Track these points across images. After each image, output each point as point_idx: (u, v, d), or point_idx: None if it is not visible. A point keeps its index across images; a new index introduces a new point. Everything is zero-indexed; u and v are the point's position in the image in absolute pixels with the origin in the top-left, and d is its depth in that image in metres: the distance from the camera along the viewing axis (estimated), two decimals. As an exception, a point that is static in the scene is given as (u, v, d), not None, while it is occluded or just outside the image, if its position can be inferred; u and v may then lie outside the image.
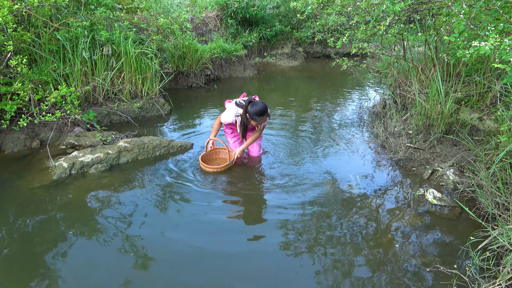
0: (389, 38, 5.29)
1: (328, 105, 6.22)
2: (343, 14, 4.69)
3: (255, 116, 3.35)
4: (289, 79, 8.62)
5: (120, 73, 5.15)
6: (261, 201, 3.24)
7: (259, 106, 3.33)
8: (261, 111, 3.33)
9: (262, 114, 3.35)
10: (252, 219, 2.99)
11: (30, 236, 2.70)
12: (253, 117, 3.37)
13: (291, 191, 3.36)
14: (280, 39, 10.14)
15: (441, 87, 4.12)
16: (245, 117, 3.45)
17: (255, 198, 3.30)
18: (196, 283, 2.31)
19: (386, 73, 5.92)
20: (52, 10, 4.54)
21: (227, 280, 2.33)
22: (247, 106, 3.37)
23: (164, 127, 5.11)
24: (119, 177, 3.57)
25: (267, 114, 3.44)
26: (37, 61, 4.45)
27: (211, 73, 7.66)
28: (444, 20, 3.87)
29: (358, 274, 2.39)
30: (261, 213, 3.07)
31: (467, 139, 3.73)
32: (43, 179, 3.43)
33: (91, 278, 2.33)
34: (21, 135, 4.08)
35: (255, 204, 3.20)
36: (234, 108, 3.55)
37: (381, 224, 2.90)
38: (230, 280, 2.33)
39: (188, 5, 9.20)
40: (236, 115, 3.54)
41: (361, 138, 4.65)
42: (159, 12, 6.15)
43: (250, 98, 3.43)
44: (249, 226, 2.90)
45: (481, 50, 2.12)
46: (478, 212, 2.93)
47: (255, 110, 3.33)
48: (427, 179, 3.56)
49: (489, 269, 2.35)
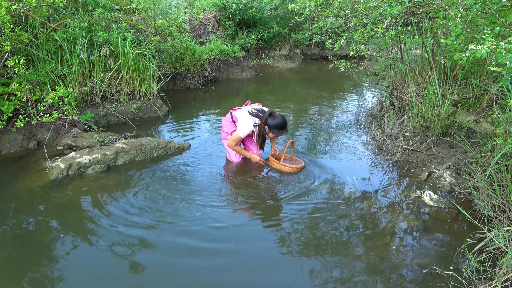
0: (387, 41, 5.32)
1: (325, 107, 6.24)
2: (341, 17, 4.71)
3: (275, 129, 3.40)
4: (286, 81, 8.63)
5: (118, 74, 5.14)
6: (258, 204, 3.24)
7: (279, 120, 3.39)
8: (281, 124, 3.39)
9: (282, 128, 3.41)
10: (250, 221, 2.99)
11: (26, 237, 2.69)
12: (273, 130, 3.42)
13: (288, 193, 3.36)
14: (278, 41, 10.17)
15: (438, 89, 4.14)
16: (264, 128, 3.47)
17: (252, 200, 3.29)
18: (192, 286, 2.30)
19: (383, 75, 5.95)
20: (50, 11, 4.53)
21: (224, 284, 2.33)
22: (267, 118, 3.41)
23: (162, 128, 5.10)
24: (116, 178, 3.56)
25: (286, 129, 3.49)
26: (35, 61, 4.44)
27: (209, 74, 7.66)
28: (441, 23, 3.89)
29: (355, 275, 2.40)
30: (258, 215, 3.07)
31: (463, 142, 3.75)
32: (40, 180, 3.42)
33: (87, 280, 2.32)
34: (18, 136, 4.07)
35: (252, 206, 3.20)
36: (250, 118, 3.52)
37: (378, 226, 2.91)
38: (226, 284, 2.33)
39: (186, 7, 9.20)
40: (254, 125, 3.53)
41: (358, 140, 4.67)
42: (157, 13, 6.15)
43: (271, 110, 3.47)
44: (247, 228, 2.90)
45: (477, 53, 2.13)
46: (474, 214, 2.95)
47: (276, 123, 3.38)
48: (424, 181, 3.57)
49: (485, 270, 2.36)
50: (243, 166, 3.84)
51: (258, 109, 3.57)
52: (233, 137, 3.60)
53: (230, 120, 3.73)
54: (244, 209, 3.15)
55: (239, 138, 3.58)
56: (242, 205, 3.20)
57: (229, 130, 3.76)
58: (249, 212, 3.11)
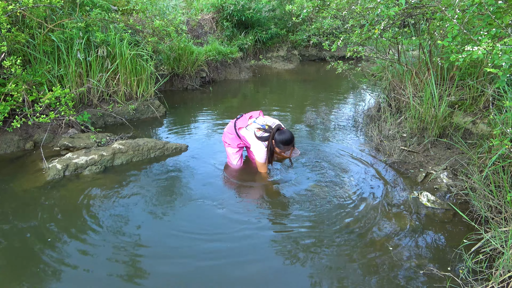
0: (384, 42, 5.33)
1: (322, 108, 6.24)
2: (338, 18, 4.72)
3: (280, 144, 3.32)
4: (284, 82, 8.64)
5: (115, 75, 5.13)
6: (254, 205, 3.24)
7: (286, 135, 3.31)
8: (287, 140, 3.30)
9: (288, 144, 3.32)
10: (246, 223, 2.98)
11: (23, 238, 2.68)
12: (278, 145, 3.34)
13: (284, 194, 3.36)
14: (275, 42, 10.17)
15: (435, 90, 4.15)
16: (271, 143, 3.41)
17: (249, 201, 3.29)
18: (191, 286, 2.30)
19: (380, 76, 5.96)
20: (47, 11, 4.52)
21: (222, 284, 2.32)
22: (275, 133, 3.35)
23: (159, 129, 5.09)
24: (113, 179, 3.55)
25: (293, 145, 3.40)
26: (32, 62, 4.42)
27: (207, 75, 7.66)
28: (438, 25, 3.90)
29: (352, 276, 2.40)
30: (255, 217, 3.07)
31: (460, 143, 3.76)
32: (36, 181, 3.40)
33: (84, 281, 2.31)
34: (15, 137, 4.05)
35: (249, 207, 3.20)
36: (260, 144, 3.44)
37: (375, 227, 2.91)
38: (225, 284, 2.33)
39: (184, 7, 9.20)
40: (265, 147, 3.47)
41: (355, 141, 4.67)
42: (154, 14, 6.15)
43: (279, 125, 3.39)
44: (243, 230, 2.90)
45: (474, 54, 2.14)
46: (471, 215, 2.96)
47: (281, 139, 3.30)
48: (421, 182, 3.58)
49: (481, 271, 2.37)
50: (242, 168, 3.84)
51: (264, 128, 3.45)
52: (258, 165, 3.63)
53: (235, 134, 3.63)
54: (242, 210, 3.15)
55: (261, 164, 3.60)
56: (239, 207, 3.20)
57: (234, 144, 3.70)
58: (246, 213, 3.10)
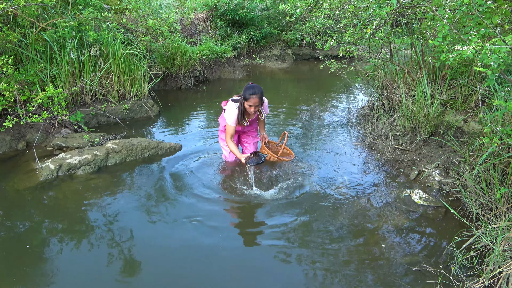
0: (377, 41, 5.37)
1: (316, 107, 6.27)
2: (331, 17, 4.74)
3: (246, 93, 3.24)
4: (278, 80, 8.66)
5: (108, 74, 5.10)
6: (249, 204, 3.25)
7: (252, 85, 3.27)
8: (253, 88, 3.24)
9: (255, 93, 3.23)
10: (241, 222, 3.00)
11: (15, 238, 2.66)
12: (247, 96, 3.24)
13: (278, 193, 3.38)
14: (269, 41, 10.19)
15: (427, 89, 4.20)
16: (241, 103, 3.35)
17: (243, 201, 3.30)
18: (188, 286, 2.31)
19: (373, 75, 5.99)
20: (39, 10, 4.48)
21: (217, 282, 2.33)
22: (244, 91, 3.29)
23: (153, 128, 5.08)
24: (107, 178, 3.54)
25: (262, 97, 3.31)
26: (24, 61, 4.38)
27: (200, 74, 7.65)
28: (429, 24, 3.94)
29: (344, 274, 2.42)
30: (249, 215, 3.08)
31: (452, 141, 3.80)
32: (29, 181, 3.38)
33: (77, 281, 2.31)
34: (7, 137, 4.01)
35: (244, 206, 3.21)
36: (232, 104, 3.43)
37: (368, 225, 2.94)
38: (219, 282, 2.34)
39: (177, 6, 9.17)
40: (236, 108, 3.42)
41: (349, 140, 4.70)
42: (148, 13, 6.12)
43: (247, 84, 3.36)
44: (238, 228, 2.91)
45: (463, 54, 2.17)
46: (462, 212, 3.00)
47: (247, 87, 3.26)
48: (413, 180, 3.62)
49: (472, 267, 2.40)
50: (236, 166, 3.85)
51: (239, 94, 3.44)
52: (226, 129, 3.53)
53: (222, 116, 3.67)
54: (237, 209, 3.16)
55: (229, 127, 3.49)
56: (234, 206, 3.21)
57: (222, 125, 3.72)
58: (241, 212, 3.12)
